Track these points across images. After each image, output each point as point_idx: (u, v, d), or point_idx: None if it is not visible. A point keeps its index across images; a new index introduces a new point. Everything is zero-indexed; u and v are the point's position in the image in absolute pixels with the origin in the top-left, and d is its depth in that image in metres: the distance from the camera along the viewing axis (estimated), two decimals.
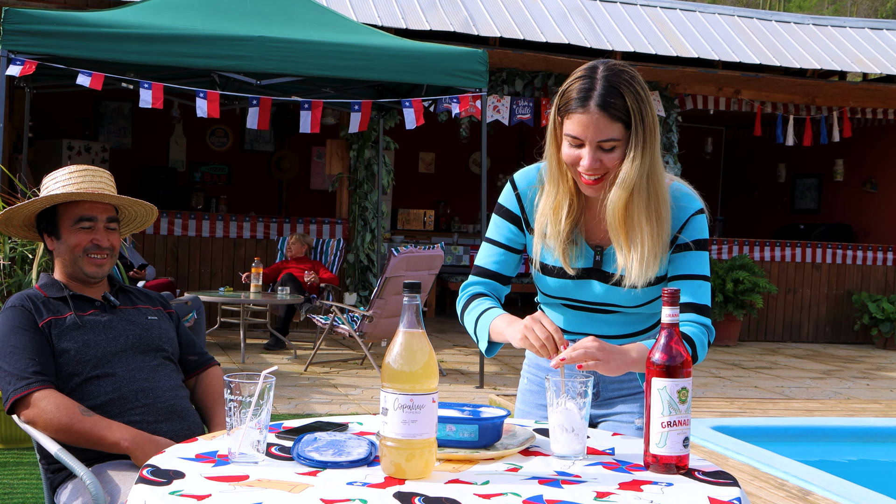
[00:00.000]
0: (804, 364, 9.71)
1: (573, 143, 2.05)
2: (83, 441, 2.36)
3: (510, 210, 2.24)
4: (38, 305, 2.52)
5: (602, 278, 2.16)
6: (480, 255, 2.28)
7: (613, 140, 2.03)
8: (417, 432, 1.60)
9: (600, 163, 2.04)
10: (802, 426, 5.17)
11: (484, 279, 2.26)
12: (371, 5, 9.91)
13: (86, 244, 2.56)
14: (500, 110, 10.08)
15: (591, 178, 2.06)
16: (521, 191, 2.23)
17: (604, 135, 2.02)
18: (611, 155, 2.04)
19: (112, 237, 2.61)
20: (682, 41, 10.89)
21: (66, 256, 2.58)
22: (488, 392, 6.91)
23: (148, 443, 2.34)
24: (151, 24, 6.57)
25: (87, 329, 2.51)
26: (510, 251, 2.24)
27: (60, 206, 2.58)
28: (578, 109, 2.02)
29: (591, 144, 2.03)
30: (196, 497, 1.49)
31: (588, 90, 2.02)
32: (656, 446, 1.72)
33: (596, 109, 2.01)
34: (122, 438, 2.34)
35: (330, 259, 9.67)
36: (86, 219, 2.57)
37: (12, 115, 9.57)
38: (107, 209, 2.60)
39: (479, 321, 2.18)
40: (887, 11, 32.67)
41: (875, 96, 11.27)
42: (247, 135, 13.84)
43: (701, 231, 2.15)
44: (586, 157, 2.04)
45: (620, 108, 2.01)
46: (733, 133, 15.09)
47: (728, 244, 11.62)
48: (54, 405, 2.36)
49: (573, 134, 2.04)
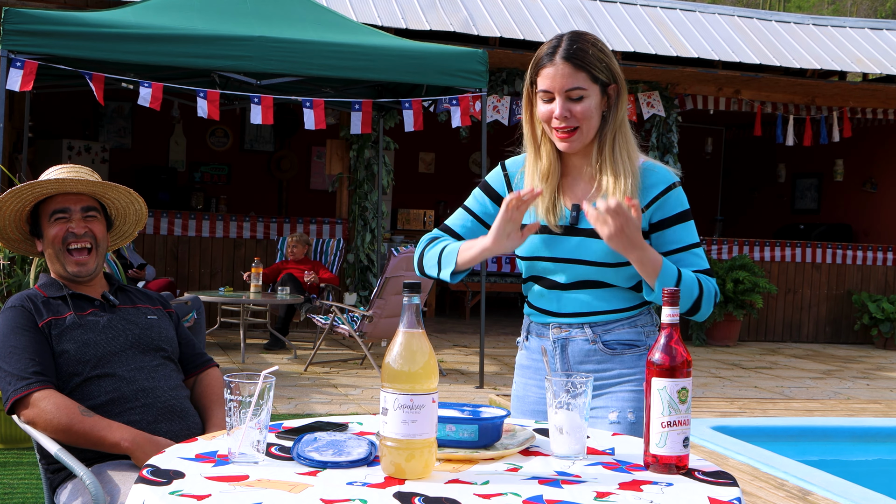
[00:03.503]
0: (804, 364, 9.71)
1: (544, 97, 2.20)
2: (83, 441, 2.36)
3: (493, 188, 2.36)
4: (38, 305, 2.52)
5: (577, 234, 2.24)
6: (451, 218, 2.39)
7: (580, 89, 2.17)
8: (417, 432, 1.60)
9: (570, 112, 2.18)
10: (802, 426, 5.16)
11: (447, 236, 2.35)
12: (371, 5, 9.91)
13: (62, 234, 2.56)
14: (499, 110, 10.08)
15: (564, 130, 2.19)
16: (510, 172, 2.35)
17: (570, 83, 2.17)
18: (580, 105, 2.18)
19: (92, 225, 2.59)
20: (682, 41, 10.89)
21: (49, 253, 2.59)
22: (488, 392, 6.91)
23: (148, 443, 2.34)
24: (151, 24, 6.57)
25: (87, 329, 2.51)
26: (478, 221, 2.35)
27: (41, 206, 2.59)
28: (546, 64, 2.19)
29: (560, 94, 2.17)
30: (196, 497, 1.49)
31: (555, 47, 2.20)
32: (656, 446, 1.72)
33: (561, 61, 2.17)
34: (122, 439, 2.34)
35: (330, 259, 9.67)
36: (59, 211, 2.57)
37: (12, 115, 9.57)
38: (81, 199, 2.59)
39: (445, 251, 2.26)
40: (887, 11, 32.68)
41: (875, 96, 11.27)
42: (247, 135, 13.84)
43: (681, 203, 2.25)
44: (557, 107, 2.18)
45: (584, 59, 2.17)
46: (733, 133, 15.09)
47: (728, 244, 11.62)
48: (54, 405, 2.36)
49: (544, 88, 2.19)
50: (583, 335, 2.27)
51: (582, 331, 2.27)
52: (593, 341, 2.27)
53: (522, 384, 2.40)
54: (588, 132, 2.20)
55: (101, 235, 2.61)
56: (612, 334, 2.27)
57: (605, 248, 2.18)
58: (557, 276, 2.27)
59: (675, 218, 2.22)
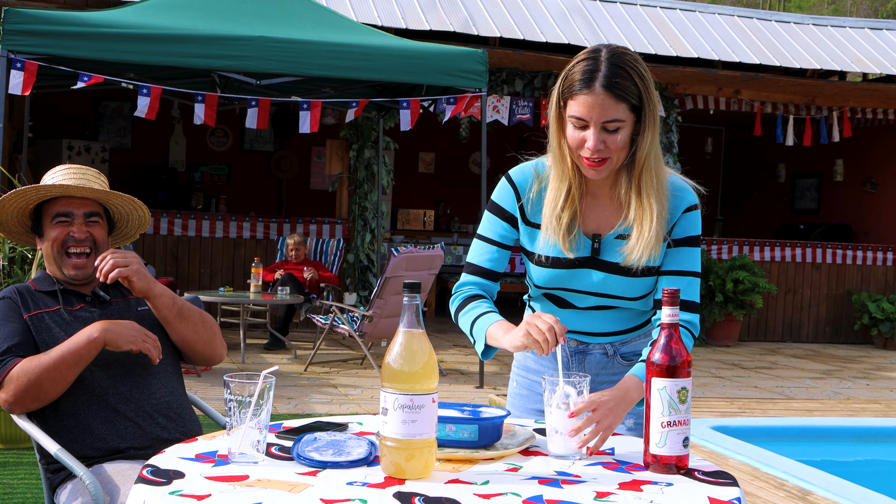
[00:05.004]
0: (804, 364, 9.71)
1: (577, 124, 2.05)
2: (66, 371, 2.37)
3: (504, 208, 2.22)
4: (27, 298, 2.53)
5: (600, 267, 2.15)
6: (473, 253, 2.26)
7: (618, 121, 2.03)
8: (417, 432, 1.60)
9: (604, 144, 2.04)
10: (802, 426, 5.17)
11: (478, 278, 2.24)
12: (371, 5, 9.91)
13: (63, 237, 2.56)
14: (499, 110, 10.08)
15: (595, 161, 2.05)
16: (518, 184, 2.21)
17: (609, 115, 2.02)
18: (615, 136, 2.04)
19: (93, 229, 2.59)
20: (682, 41, 10.89)
21: (48, 253, 2.59)
22: (488, 392, 6.91)
23: (114, 324, 2.43)
24: (151, 24, 6.57)
25: (77, 324, 2.51)
26: (502, 248, 2.23)
27: (44, 206, 2.59)
28: (583, 91, 2.02)
29: (596, 125, 2.02)
30: (196, 497, 1.49)
31: (593, 71, 2.02)
32: (656, 446, 1.72)
33: (601, 90, 2.01)
34: (89, 335, 2.40)
35: (330, 259, 9.67)
36: (62, 214, 2.57)
37: (12, 115, 9.57)
38: (84, 204, 2.59)
39: (476, 325, 2.16)
40: (887, 11, 32.68)
41: (875, 96, 11.27)
42: (247, 135, 13.84)
43: (695, 227, 2.16)
44: (591, 138, 2.03)
45: (625, 89, 2.01)
46: (733, 133, 15.09)
47: (728, 244, 11.62)
48: (18, 370, 2.37)
49: (578, 115, 2.03)
50: (600, 349, 2.26)
51: (601, 346, 2.25)
52: (611, 355, 2.25)
53: (526, 384, 2.37)
54: (619, 161, 2.09)
55: (101, 240, 2.61)
56: (629, 346, 2.26)
57: (631, 284, 2.13)
58: (576, 300, 2.22)
59: (685, 241, 2.15)
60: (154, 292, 2.55)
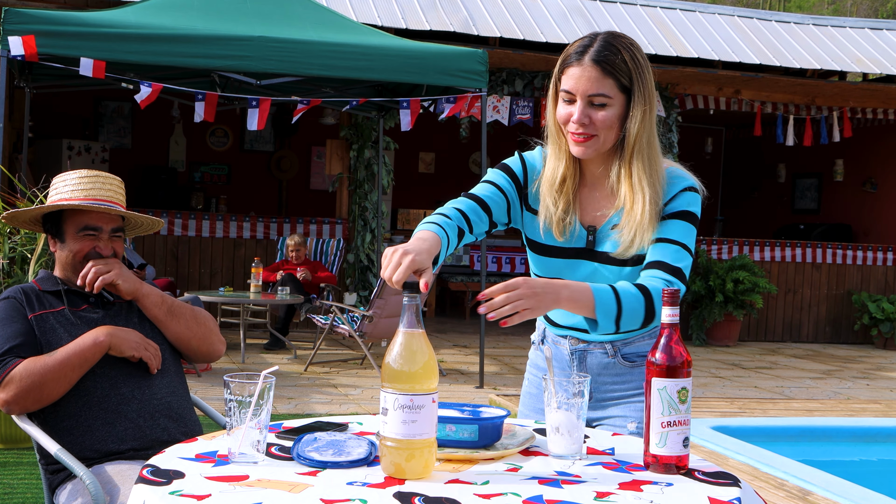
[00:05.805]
0: (804, 364, 9.71)
1: (566, 98, 2.08)
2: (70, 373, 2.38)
3: (513, 169, 2.21)
4: (31, 298, 2.53)
5: (592, 258, 2.15)
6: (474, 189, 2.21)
7: (604, 96, 2.04)
8: (417, 432, 1.60)
9: (589, 118, 2.05)
10: (802, 426, 5.17)
11: (467, 200, 2.16)
12: (371, 5, 9.91)
13: (87, 251, 2.57)
14: (499, 110, 10.08)
15: (580, 135, 2.06)
16: (529, 163, 2.22)
17: (595, 89, 2.04)
18: (601, 113, 2.05)
19: (116, 245, 2.62)
20: (682, 41, 10.89)
21: (65, 261, 2.59)
22: (488, 392, 6.91)
23: (118, 329, 2.47)
24: (151, 24, 6.57)
25: (81, 325, 2.52)
26: (501, 193, 2.18)
27: (67, 212, 2.59)
28: (574, 63, 2.06)
29: (583, 98, 2.05)
30: (196, 497, 1.48)
31: (586, 46, 2.07)
32: (656, 446, 1.72)
33: (589, 63, 2.04)
34: (95, 338, 2.43)
35: (330, 259, 9.67)
36: (91, 228, 2.57)
37: (12, 115, 9.57)
38: (113, 219, 2.61)
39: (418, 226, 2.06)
40: (887, 11, 32.68)
41: (875, 96, 11.27)
42: (247, 135, 13.84)
43: (689, 204, 2.13)
44: (576, 111, 2.05)
45: (613, 64, 2.03)
46: (733, 133, 15.09)
47: (728, 244, 11.62)
48: (21, 372, 2.37)
49: (567, 88, 2.07)
50: (601, 349, 2.24)
51: (601, 345, 2.24)
52: (612, 355, 2.24)
53: (536, 383, 2.36)
54: (606, 142, 2.08)
55: (120, 253, 2.64)
56: (632, 347, 2.24)
57: (621, 274, 2.12)
58: None
59: (678, 214, 2.11)
60: (142, 292, 2.58)
